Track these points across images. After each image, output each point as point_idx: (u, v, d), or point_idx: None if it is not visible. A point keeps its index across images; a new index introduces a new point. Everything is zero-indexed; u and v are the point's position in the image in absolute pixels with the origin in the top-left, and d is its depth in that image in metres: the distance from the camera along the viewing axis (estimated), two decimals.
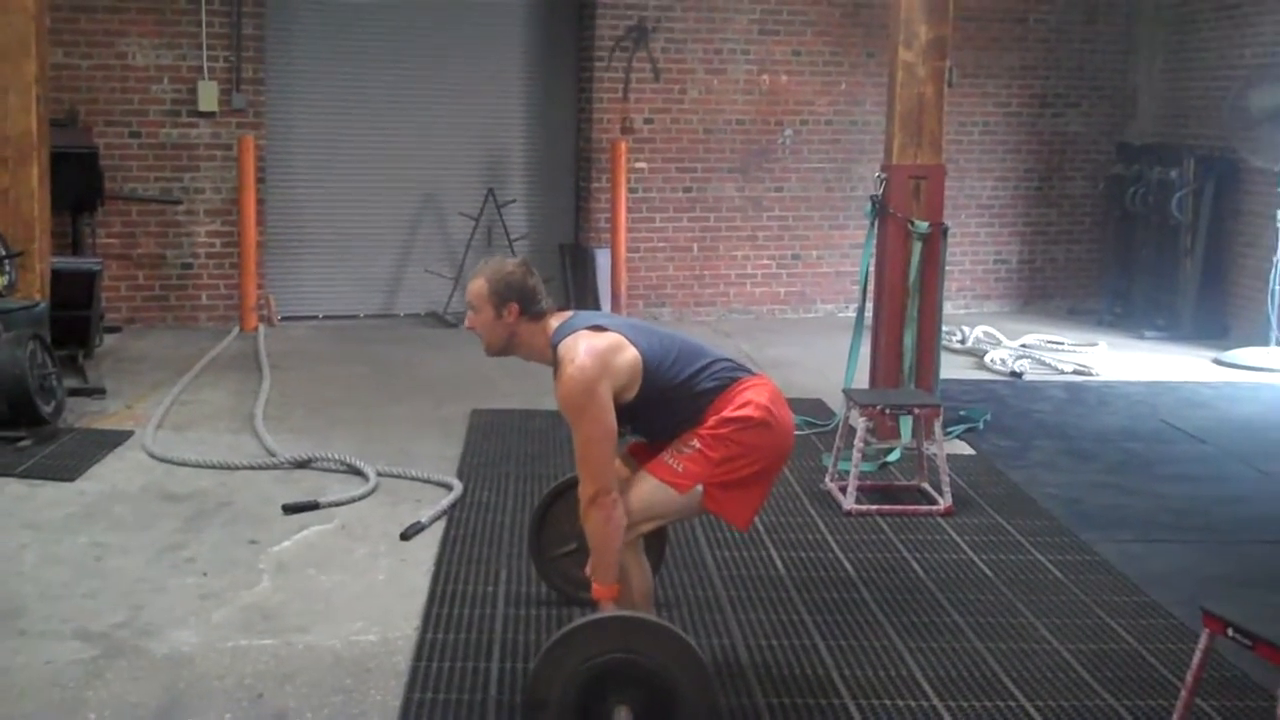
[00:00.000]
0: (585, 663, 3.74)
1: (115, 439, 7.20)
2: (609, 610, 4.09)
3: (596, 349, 4.09)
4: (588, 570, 4.27)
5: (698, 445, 4.20)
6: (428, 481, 6.61)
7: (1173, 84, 12.36)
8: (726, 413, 4.20)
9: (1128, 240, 12.08)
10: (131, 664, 4.51)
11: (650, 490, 4.21)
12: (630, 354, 4.14)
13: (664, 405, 4.21)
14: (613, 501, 4.08)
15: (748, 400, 4.23)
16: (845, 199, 12.06)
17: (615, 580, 4.15)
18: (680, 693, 3.75)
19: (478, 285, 4.22)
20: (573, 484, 4.90)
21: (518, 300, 4.19)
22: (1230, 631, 3.70)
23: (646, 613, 4.21)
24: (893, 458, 7.18)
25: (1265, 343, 10.31)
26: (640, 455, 4.40)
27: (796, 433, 7.49)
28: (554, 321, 4.25)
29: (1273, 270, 10.31)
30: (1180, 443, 7.90)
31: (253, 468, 6.78)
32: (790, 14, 11.81)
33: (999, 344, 10.54)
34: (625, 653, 3.76)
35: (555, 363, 4.15)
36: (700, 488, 4.21)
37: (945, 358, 8.45)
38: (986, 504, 6.53)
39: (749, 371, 4.39)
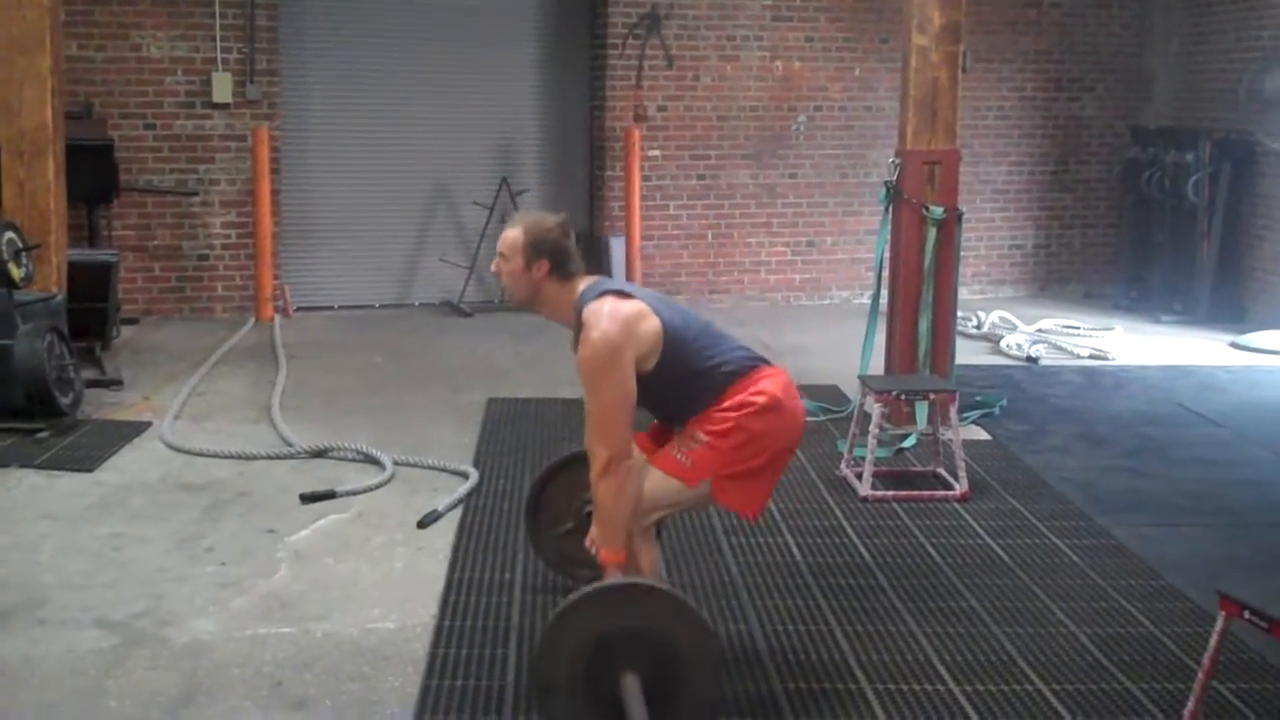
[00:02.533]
0: (588, 636, 3.72)
1: (133, 430, 7.24)
2: (612, 578, 4.06)
3: (622, 314, 4.08)
4: (590, 538, 4.25)
5: (705, 439, 4.18)
6: (444, 470, 6.63)
7: (1188, 67, 12.31)
8: (739, 398, 4.19)
9: (1144, 224, 12.04)
10: (151, 653, 4.53)
11: (658, 482, 4.21)
12: (654, 323, 4.13)
13: (679, 383, 4.20)
14: (626, 469, 4.06)
15: (761, 389, 4.22)
16: (860, 185, 12.04)
17: (623, 547, 4.12)
18: (686, 655, 3.74)
19: (513, 235, 4.21)
20: (566, 463, 4.91)
21: (550, 258, 4.18)
22: (1247, 614, 3.70)
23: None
24: (908, 443, 7.18)
25: None
26: (648, 446, 4.40)
27: (812, 419, 7.57)
28: (581, 284, 4.23)
29: None
30: (1197, 426, 7.88)
31: (270, 457, 6.81)
32: (803, 0, 11.79)
33: (1015, 329, 10.52)
34: (626, 620, 3.75)
35: (578, 325, 4.14)
36: (709, 480, 4.21)
37: (961, 343, 8.43)
38: (1002, 489, 6.53)
39: (766, 362, 4.37)
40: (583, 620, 3.76)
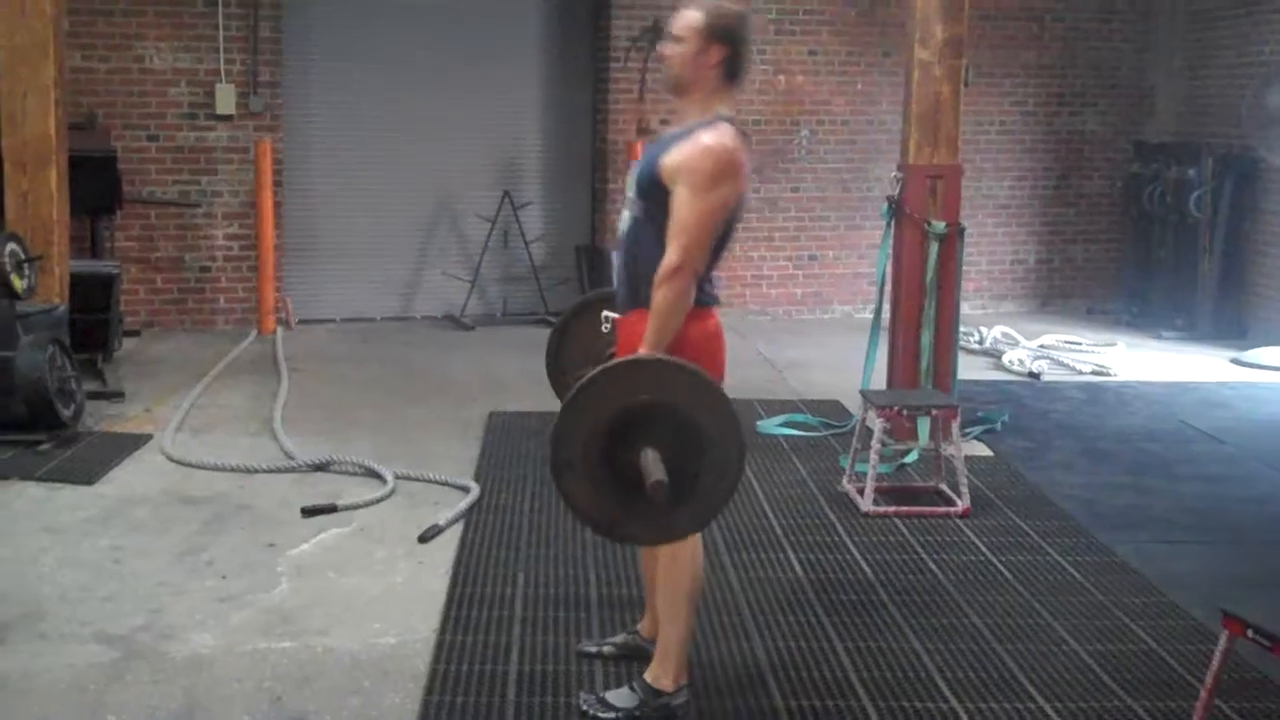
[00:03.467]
0: (606, 412, 3.66)
1: (134, 442, 7.23)
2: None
3: (745, 161, 4.03)
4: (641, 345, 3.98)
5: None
6: (446, 484, 6.62)
7: (1190, 82, 12.32)
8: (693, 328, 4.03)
9: (1146, 239, 12.04)
10: (151, 667, 4.52)
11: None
12: (744, 195, 4.09)
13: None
14: (690, 286, 3.92)
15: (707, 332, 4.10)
16: (862, 199, 12.04)
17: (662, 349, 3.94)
18: (707, 431, 3.68)
19: (692, 16, 4.06)
20: (591, 303, 4.80)
21: (728, 45, 4.06)
22: (1250, 633, 3.69)
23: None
24: (910, 459, 7.17)
25: None
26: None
27: (814, 434, 7.56)
28: (724, 109, 4.12)
29: None
30: (1199, 443, 7.87)
31: (271, 471, 6.80)
32: (806, 14, 11.80)
33: (1017, 344, 10.51)
34: (644, 394, 3.68)
35: (690, 134, 4.00)
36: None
37: (963, 358, 8.44)
38: (1005, 505, 6.52)
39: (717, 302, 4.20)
40: (601, 397, 3.68)
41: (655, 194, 4.04)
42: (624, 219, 4.24)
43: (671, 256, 3.92)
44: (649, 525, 3.80)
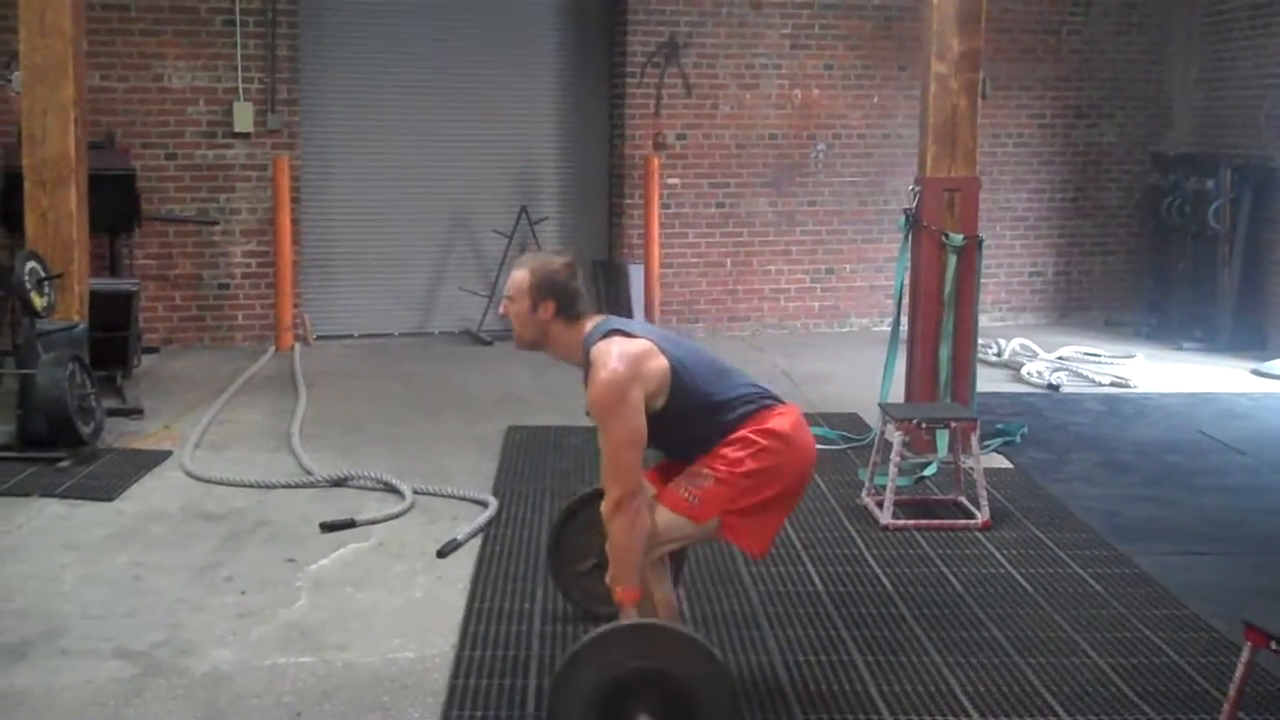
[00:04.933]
0: (599, 680, 3.71)
1: (153, 459, 7.25)
2: (627, 618, 4.04)
3: (629, 353, 4.07)
4: (609, 578, 4.24)
5: (712, 475, 4.16)
6: (464, 499, 6.62)
7: (1208, 93, 12.29)
8: (746, 432, 4.18)
9: (1164, 251, 12.00)
10: (171, 683, 4.53)
11: (665, 518, 4.18)
12: (661, 362, 4.12)
13: (689, 420, 4.18)
14: (637, 507, 4.05)
15: (770, 428, 4.20)
16: (879, 212, 12.03)
17: (638, 584, 4.11)
18: (702, 697, 3.72)
19: (520, 277, 4.20)
20: (587, 500, 4.90)
21: (556, 300, 4.17)
22: (1273, 644, 3.67)
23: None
24: (929, 472, 7.15)
25: None
26: (656, 482, 4.36)
27: (833, 447, 7.54)
28: (588, 324, 4.22)
29: None
30: (1219, 454, 7.83)
31: (290, 486, 6.81)
32: (822, 28, 11.82)
33: (1035, 356, 10.48)
34: (640, 660, 3.73)
35: (587, 365, 4.13)
36: (716, 517, 4.19)
37: (981, 371, 8.42)
38: (1024, 517, 6.49)
39: (778, 400, 4.34)
40: (592, 665, 3.74)
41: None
42: None
43: (608, 495, 4.08)
44: None
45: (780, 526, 4.43)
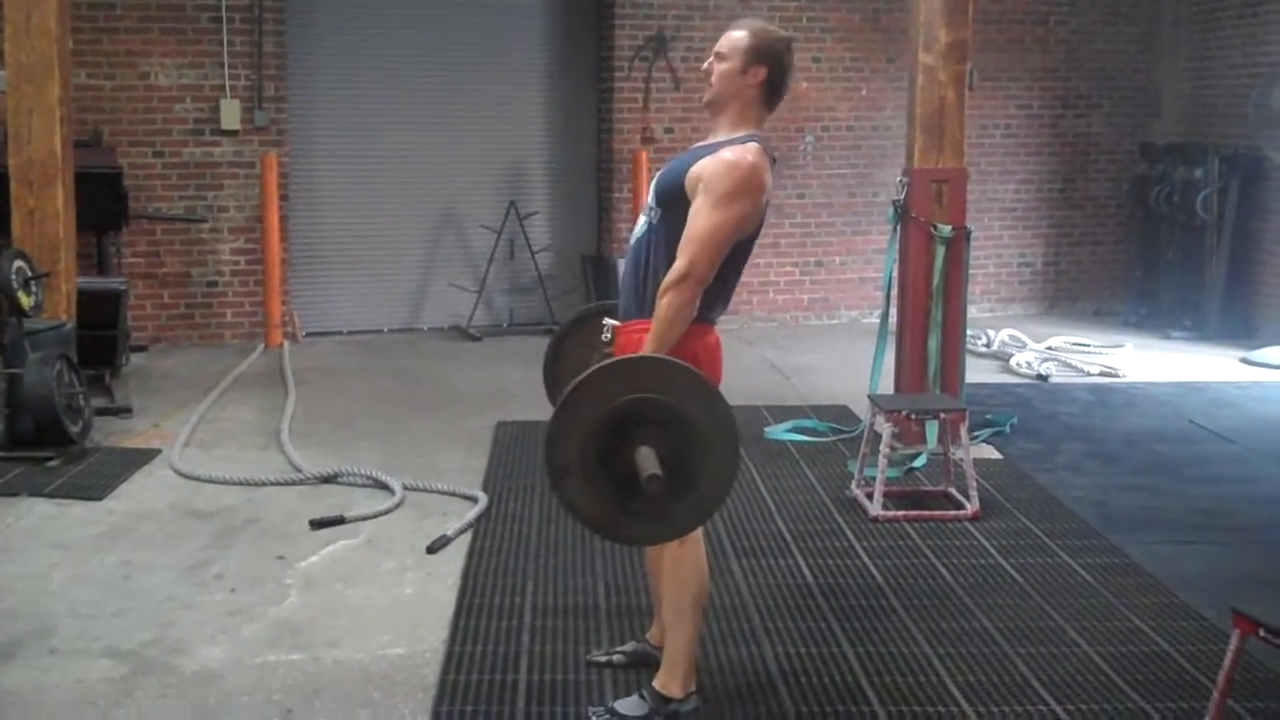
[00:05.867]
0: (600, 411, 3.63)
1: (142, 457, 7.24)
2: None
3: (767, 180, 4.05)
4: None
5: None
6: (453, 495, 6.62)
7: (1196, 83, 12.30)
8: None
9: (1153, 241, 12.03)
10: (161, 681, 4.52)
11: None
12: (760, 216, 4.12)
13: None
14: (695, 297, 3.93)
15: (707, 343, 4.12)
16: (867, 204, 12.04)
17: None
18: (702, 427, 3.67)
19: (738, 36, 4.13)
20: (590, 315, 4.78)
21: (770, 67, 4.10)
22: (1262, 632, 3.68)
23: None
24: (919, 463, 7.16)
25: None
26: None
27: (823, 440, 7.56)
28: (755, 129, 4.14)
29: None
30: (1208, 443, 7.85)
31: (279, 483, 6.80)
32: (810, 21, 11.81)
33: (1024, 347, 10.50)
34: (637, 392, 3.66)
35: (718, 148, 4.02)
36: None
37: (970, 362, 8.43)
38: (1014, 508, 6.50)
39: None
40: (594, 396, 3.66)
41: (675, 203, 4.06)
42: (639, 225, 4.26)
43: (680, 264, 3.94)
44: (649, 523, 3.78)
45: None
